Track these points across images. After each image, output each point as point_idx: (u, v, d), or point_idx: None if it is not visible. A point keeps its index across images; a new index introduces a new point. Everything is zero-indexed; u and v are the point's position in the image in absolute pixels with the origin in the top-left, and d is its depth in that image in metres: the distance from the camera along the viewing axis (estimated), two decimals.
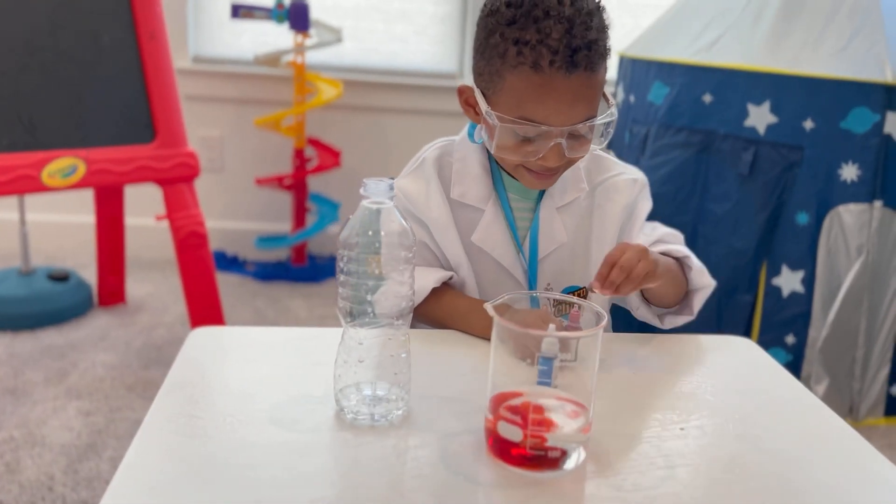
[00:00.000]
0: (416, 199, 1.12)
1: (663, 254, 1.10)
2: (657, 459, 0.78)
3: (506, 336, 0.75)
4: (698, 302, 1.11)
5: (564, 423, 0.75)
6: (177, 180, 2.06)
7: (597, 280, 0.95)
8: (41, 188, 1.89)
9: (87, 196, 2.71)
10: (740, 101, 2.11)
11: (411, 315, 0.81)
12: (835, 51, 2.04)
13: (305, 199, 3.05)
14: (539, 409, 0.75)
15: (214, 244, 3.13)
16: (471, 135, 1.13)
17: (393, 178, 1.44)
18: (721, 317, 2.20)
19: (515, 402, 0.77)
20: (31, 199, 2.81)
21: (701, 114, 2.18)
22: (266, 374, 0.91)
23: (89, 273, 2.82)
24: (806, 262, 2.13)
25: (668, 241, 1.16)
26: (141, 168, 2.00)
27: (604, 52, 0.98)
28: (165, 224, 2.19)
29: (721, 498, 0.73)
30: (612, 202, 1.15)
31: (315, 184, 3.13)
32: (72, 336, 2.42)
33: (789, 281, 2.15)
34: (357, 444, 0.77)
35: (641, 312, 1.15)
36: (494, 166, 1.12)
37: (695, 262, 1.10)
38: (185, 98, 2.23)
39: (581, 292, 1.15)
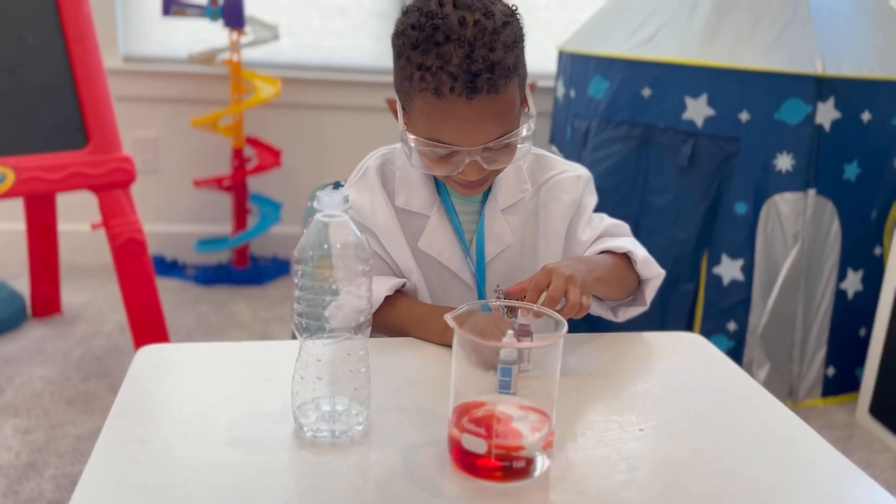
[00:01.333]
0: (362, 209, 1.11)
1: (607, 251, 1.11)
2: (619, 462, 0.79)
3: (466, 346, 0.75)
4: (650, 292, 1.13)
5: (528, 433, 0.75)
6: (112, 186, 1.99)
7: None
8: None
9: (17, 202, 2.60)
10: (678, 95, 2.15)
11: (370, 328, 0.80)
12: (767, 44, 2.09)
13: (246, 199, 2.99)
14: (503, 420, 0.75)
15: (152, 248, 3.04)
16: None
17: (341, 183, 1.42)
18: (665, 306, 2.24)
19: (479, 412, 0.76)
20: None
21: (640, 108, 2.21)
22: (219, 393, 0.88)
23: (21, 283, 2.71)
24: (745, 250, 2.19)
25: (613, 233, 1.17)
26: (74, 175, 1.93)
27: (511, 70, 0.96)
28: (99, 229, 2.12)
29: (682, 498, 0.74)
30: (556, 200, 1.16)
31: (255, 184, 3.08)
32: (6, 350, 2.33)
33: (729, 269, 2.21)
34: (318, 464, 0.75)
35: (593, 308, 1.16)
36: None
37: (640, 254, 1.11)
38: (117, 99, 2.16)
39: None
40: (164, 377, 0.91)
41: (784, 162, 2.11)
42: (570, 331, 0.99)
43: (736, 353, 2.24)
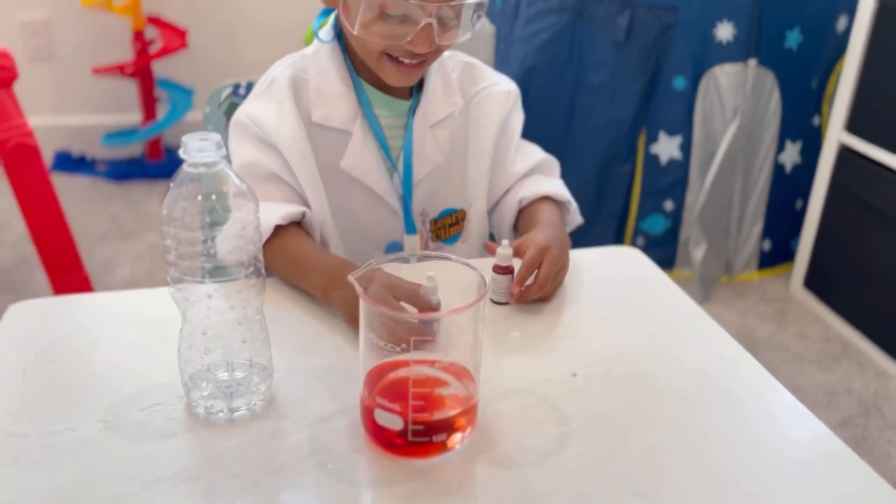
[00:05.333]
0: (265, 122, 0.96)
1: (545, 197, 1.06)
2: (550, 418, 0.72)
3: (373, 317, 0.64)
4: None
5: (449, 401, 0.66)
6: None
7: (515, 287, 0.88)
8: None
9: None
10: None
11: (264, 291, 0.69)
12: None
13: (153, 86, 2.75)
14: (421, 390, 0.65)
15: (56, 144, 2.82)
16: (318, 34, 0.99)
17: (252, 82, 1.23)
18: (601, 188, 2.16)
19: (393, 376, 0.67)
20: None
21: None
22: (99, 362, 0.77)
23: None
24: (683, 127, 2.10)
25: (545, 170, 1.11)
26: None
27: None
28: None
29: (619, 463, 0.67)
30: (487, 116, 1.07)
31: (161, 68, 2.82)
32: None
33: (667, 147, 2.13)
34: (215, 447, 0.66)
35: None
36: (357, 80, 0.99)
37: (573, 203, 1.09)
38: None
39: (459, 215, 1.07)
40: (36, 344, 0.79)
41: (724, 31, 1.99)
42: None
43: (672, 233, 2.20)
